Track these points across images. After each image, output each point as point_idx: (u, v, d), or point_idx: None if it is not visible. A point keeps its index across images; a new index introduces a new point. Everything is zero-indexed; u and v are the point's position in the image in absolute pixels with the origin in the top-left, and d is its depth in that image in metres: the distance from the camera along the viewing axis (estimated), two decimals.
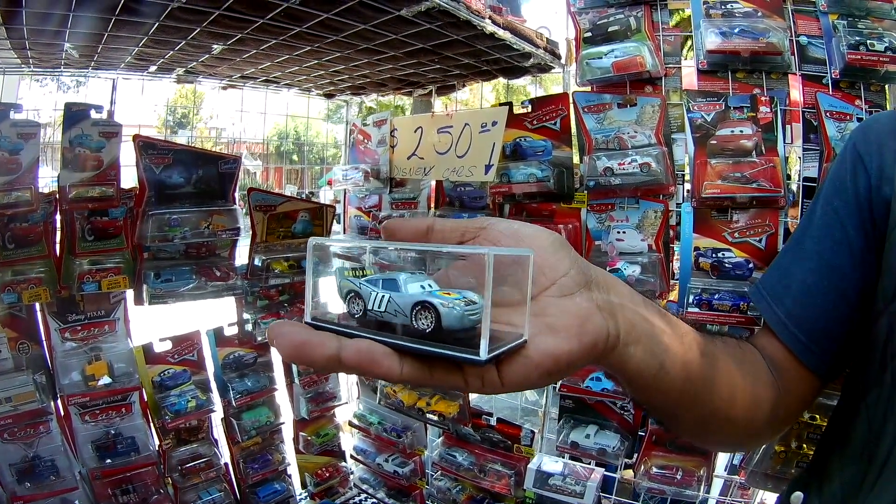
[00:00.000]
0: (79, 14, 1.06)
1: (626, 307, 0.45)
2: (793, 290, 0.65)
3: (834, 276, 0.62)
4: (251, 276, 1.46)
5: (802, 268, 0.65)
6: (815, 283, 0.63)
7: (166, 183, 1.42)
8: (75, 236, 1.39)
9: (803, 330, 0.63)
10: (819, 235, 0.64)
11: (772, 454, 1.25)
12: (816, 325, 0.63)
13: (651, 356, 0.47)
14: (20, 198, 1.32)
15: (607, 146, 1.28)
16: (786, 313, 0.64)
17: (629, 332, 0.44)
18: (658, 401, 0.54)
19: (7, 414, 1.38)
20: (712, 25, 1.26)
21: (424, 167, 1.40)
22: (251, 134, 1.85)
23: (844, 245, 0.61)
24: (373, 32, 1.14)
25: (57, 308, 1.41)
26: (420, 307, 0.35)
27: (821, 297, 0.63)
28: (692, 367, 0.51)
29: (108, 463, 1.45)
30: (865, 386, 0.57)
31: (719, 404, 0.57)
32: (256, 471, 1.57)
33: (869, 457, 0.54)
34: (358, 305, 0.38)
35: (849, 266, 0.61)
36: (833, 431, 0.65)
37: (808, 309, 0.63)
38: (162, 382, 1.46)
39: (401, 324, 0.36)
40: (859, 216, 0.60)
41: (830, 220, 0.63)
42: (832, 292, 0.62)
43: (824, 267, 0.63)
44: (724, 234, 1.23)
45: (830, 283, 0.62)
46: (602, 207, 1.29)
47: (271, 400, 1.60)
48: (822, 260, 0.63)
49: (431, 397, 1.49)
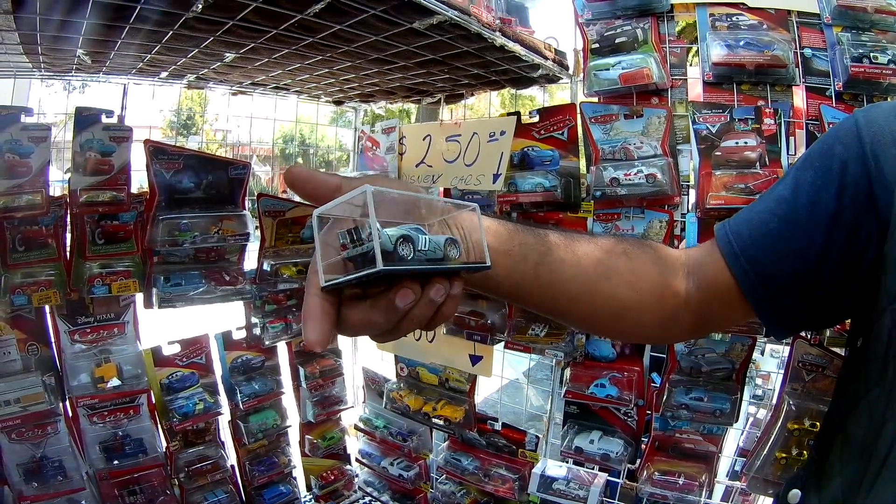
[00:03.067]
0: (92, 21, 1.07)
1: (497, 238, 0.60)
2: (751, 227, 0.65)
3: (797, 227, 0.62)
4: (260, 281, 1.48)
5: (767, 209, 0.65)
6: (776, 225, 0.63)
7: (176, 188, 1.43)
8: (85, 240, 1.40)
9: (753, 265, 0.64)
10: (793, 186, 0.64)
11: (773, 460, 1.27)
12: (768, 267, 0.63)
13: (506, 273, 0.60)
14: (30, 201, 1.32)
15: (614, 157, 1.30)
16: (741, 248, 0.65)
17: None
18: (536, 298, 0.66)
19: (16, 415, 1.39)
20: (718, 38, 1.27)
21: (433, 175, 1.42)
22: (257, 136, 1.85)
23: (815, 204, 0.61)
24: (384, 43, 1.16)
25: (66, 310, 1.42)
26: (450, 242, 0.48)
27: (779, 242, 0.63)
28: (513, 264, 0.61)
29: (115, 464, 1.46)
30: (867, 384, 0.57)
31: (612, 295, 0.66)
32: (262, 473, 1.59)
33: (869, 454, 0.55)
34: (408, 248, 0.45)
35: (815, 223, 0.60)
36: (832, 429, 0.65)
37: (764, 249, 0.63)
38: (170, 385, 1.47)
39: (431, 257, 0.47)
40: (839, 185, 0.59)
41: (808, 175, 0.62)
42: (790, 240, 0.62)
43: (789, 214, 0.63)
44: None
45: (791, 232, 0.62)
46: (608, 217, 1.31)
47: (278, 403, 1.61)
48: (789, 207, 0.63)
49: (437, 402, 1.51)
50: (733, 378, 1.32)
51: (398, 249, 0.44)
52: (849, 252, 0.59)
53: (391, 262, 0.43)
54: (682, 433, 1.37)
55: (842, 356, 1.17)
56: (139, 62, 1.40)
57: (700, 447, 1.38)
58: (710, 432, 1.37)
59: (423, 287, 0.47)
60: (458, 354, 1.48)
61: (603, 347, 1.35)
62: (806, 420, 1.23)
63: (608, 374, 1.33)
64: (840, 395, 0.67)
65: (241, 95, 1.59)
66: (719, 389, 1.31)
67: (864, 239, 0.58)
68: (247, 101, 1.69)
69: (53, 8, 0.99)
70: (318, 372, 1.66)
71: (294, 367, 1.69)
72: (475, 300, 1.44)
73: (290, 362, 1.70)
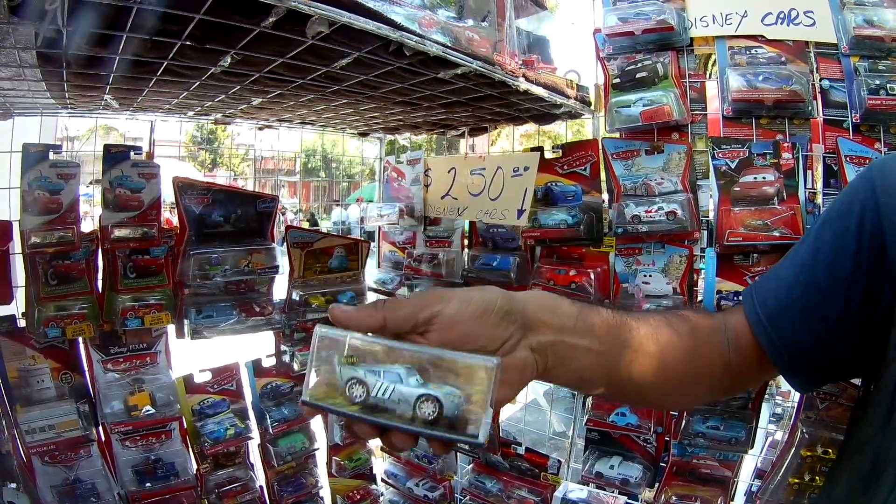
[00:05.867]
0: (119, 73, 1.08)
1: (555, 343, 0.57)
2: (777, 296, 0.68)
3: (818, 295, 0.64)
4: (289, 311, 1.52)
5: (790, 275, 0.68)
6: (798, 294, 0.66)
7: (206, 222, 1.46)
8: (118, 274, 1.44)
9: (779, 333, 0.67)
10: (813, 251, 0.66)
11: (786, 486, 1.30)
12: (793, 334, 0.66)
13: (571, 371, 0.61)
14: (63, 237, 1.36)
15: (635, 192, 1.32)
16: (766, 317, 0.68)
17: (555, 362, 0.58)
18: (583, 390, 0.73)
19: (50, 440, 1.43)
20: (737, 72, 1.29)
21: (458, 207, 1.45)
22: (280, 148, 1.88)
23: (834, 269, 0.63)
24: (409, 90, 1.18)
25: (100, 341, 1.46)
26: (424, 398, 0.44)
27: (802, 311, 0.66)
28: (609, 366, 0.64)
29: (147, 486, 1.50)
30: (873, 427, 0.60)
31: (648, 384, 0.68)
32: (290, 494, 1.63)
33: (873, 493, 0.57)
34: (359, 391, 0.45)
35: (834, 290, 0.63)
36: (842, 464, 0.68)
37: (787, 317, 0.67)
38: (202, 411, 1.52)
39: (401, 411, 0.44)
40: (857, 245, 0.61)
41: (827, 238, 0.65)
42: (813, 308, 0.65)
43: (809, 282, 0.65)
44: (746, 278, 1.27)
45: (813, 300, 0.65)
46: (629, 251, 1.34)
47: (306, 427, 1.66)
48: (810, 275, 0.65)
49: None
50: (749, 406, 1.35)
51: (347, 389, 0.45)
52: (866, 309, 0.62)
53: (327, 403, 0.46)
54: (698, 459, 1.40)
55: (855, 385, 1.20)
56: (166, 105, 1.43)
57: (716, 472, 1.41)
58: (726, 458, 1.41)
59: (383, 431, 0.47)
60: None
61: None
62: (819, 447, 1.26)
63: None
64: (850, 433, 0.70)
65: (268, 129, 1.62)
66: (735, 418, 1.34)
67: (879, 295, 0.60)
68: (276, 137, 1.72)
69: (81, 60, 1.00)
70: None
71: None
72: None
73: None
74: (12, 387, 1.43)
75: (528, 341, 0.54)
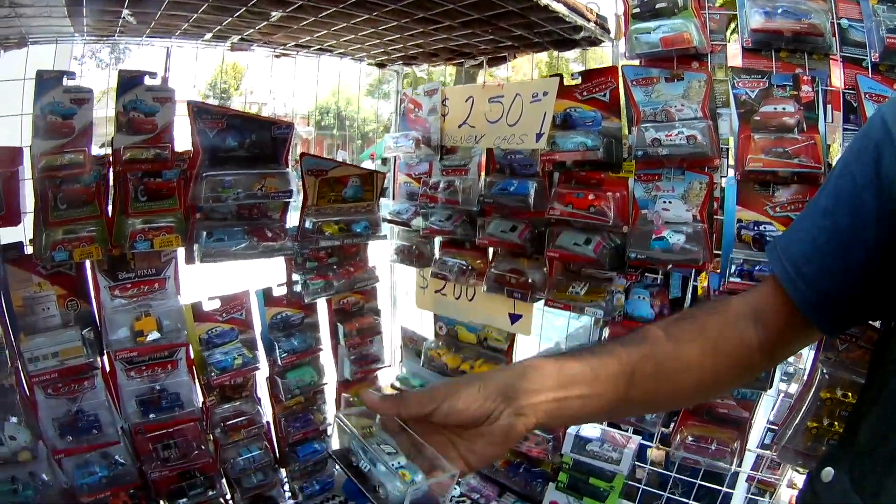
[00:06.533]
0: None
1: (539, 404, 0.64)
2: (802, 245, 0.68)
3: (843, 236, 0.63)
4: (302, 238, 1.49)
5: (813, 224, 0.68)
6: (823, 240, 0.65)
7: (220, 147, 1.44)
8: (128, 197, 1.41)
9: (808, 284, 0.66)
10: (834, 194, 0.66)
11: (804, 430, 1.27)
12: (822, 283, 0.65)
13: (566, 418, 0.78)
14: (73, 160, 1.34)
15: (655, 118, 1.31)
16: (794, 268, 0.67)
17: (542, 418, 0.65)
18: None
19: (53, 368, 1.40)
20: (756, 5, 1.29)
21: (475, 135, 1.44)
22: (293, 109, 1.87)
23: (857, 208, 0.62)
24: (430, 1, 1.18)
25: (107, 266, 1.44)
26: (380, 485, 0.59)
27: (829, 256, 0.65)
28: (605, 402, 0.69)
29: (150, 417, 1.47)
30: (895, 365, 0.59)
31: (656, 394, 0.72)
32: (297, 430, 1.60)
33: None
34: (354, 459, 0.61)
35: (859, 229, 0.62)
36: (863, 407, 0.66)
37: (815, 265, 0.66)
38: (209, 340, 1.49)
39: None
40: (877, 183, 0.60)
41: (846, 182, 0.64)
42: (839, 251, 0.64)
43: (834, 226, 0.64)
44: (766, 208, 1.26)
45: (839, 243, 0.64)
46: (649, 177, 1.32)
47: (316, 360, 1.63)
48: (833, 218, 0.65)
49: (475, 361, 1.53)
50: None
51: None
52: (890, 247, 0.60)
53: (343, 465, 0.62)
54: None
55: (874, 327, 1.18)
56: (184, 22, 1.42)
57: (734, 412, 1.39)
58: (744, 397, 1.38)
59: None
60: (498, 313, 1.50)
61: (641, 307, 1.36)
62: (838, 390, 1.23)
63: None
64: (872, 375, 0.68)
65: (284, 58, 1.62)
66: None
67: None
68: (284, 71, 1.72)
69: None
70: (357, 330, 1.67)
71: (333, 324, 1.70)
72: (516, 258, 1.46)
73: (329, 320, 1.71)
74: (17, 315, 1.40)
75: (511, 409, 0.62)
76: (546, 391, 0.65)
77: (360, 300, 1.71)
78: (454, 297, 1.56)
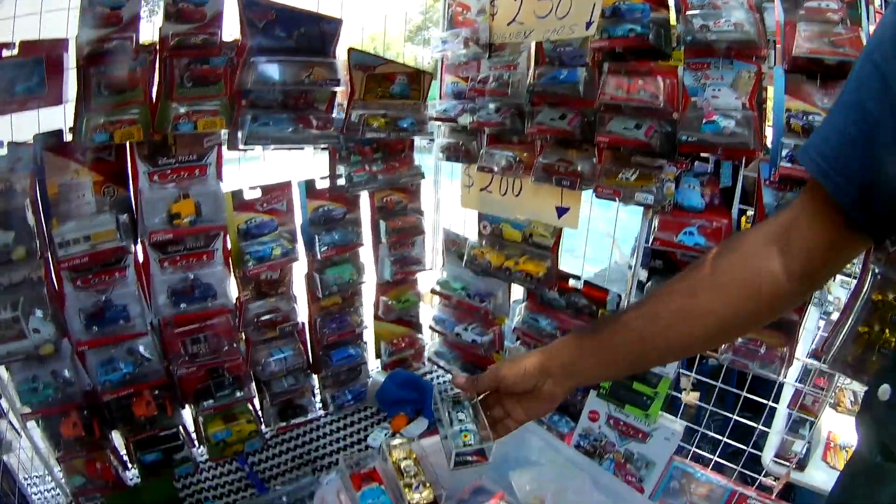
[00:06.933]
0: None
1: (569, 374, 0.85)
2: (834, 139, 0.65)
3: (872, 123, 0.60)
4: (347, 131, 1.48)
5: (842, 117, 0.65)
6: (855, 132, 0.62)
7: (269, 37, 1.44)
8: (174, 82, 1.40)
9: (847, 178, 0.63)
10: (856, 87, 0.63)
11: (854, 336, 1.24)
12: (860, 174, 0.62)
13: (588, 381, 1.09)
14: (119, 45, 1.34)
15: (702, 7, 1.34)
16: (828, 163, 0.64)
17: (572, 383, 0.88)
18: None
19: (84, 253, 1.36)
20: None
21: (524, 31, 1.45)
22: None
23: (882, 94, 0.59)
24: None
25: (148, 152, 1.42)
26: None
27: (860, 147, 0.62)
28: (624, 366, 0.93)
29: (182, 307, 1.43)
30: None
31: (691, 332, 0.77)
32: (333, 331, 1.54)
33: None
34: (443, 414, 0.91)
35: (888, 112, 0.59)
36: None
37: (850, 157, 0.63)
38: (248, 230, 1.45)
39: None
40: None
41: (869, 69, 0.61)
42: (872, 139, 0.61)
43: (863, 115, 0.61)
44: (815, 98, 1.28)
45: (870, 131, 0.61)
46: (698, 66, 1.34)
47: (356, 257, 1.59)
48: (860, 108, 0.62)
49: (520, 257, 1.49)
50: None
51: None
52: None
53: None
54: None
55: None
56: None
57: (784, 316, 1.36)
58: None
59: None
60: (545, 207, 1.48)
61: (692, 197, 1.35)
62: (890, 293, 1.22)
63: (697, 222, 1.33)
64: None
65: None
66: None
67: None
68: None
69: None
70: (400, 228, 1.64)
71: (375, 222, 1.67)
72: (565, 149, 1.45)
73: (371, 217, 1.68)
74: (51, 203, 1.37)
75: (550, 380, 0.85)
76: (572, 364, 0.85)
77: (404, 199, 1.69)
78: (500, 195, 1.54)
